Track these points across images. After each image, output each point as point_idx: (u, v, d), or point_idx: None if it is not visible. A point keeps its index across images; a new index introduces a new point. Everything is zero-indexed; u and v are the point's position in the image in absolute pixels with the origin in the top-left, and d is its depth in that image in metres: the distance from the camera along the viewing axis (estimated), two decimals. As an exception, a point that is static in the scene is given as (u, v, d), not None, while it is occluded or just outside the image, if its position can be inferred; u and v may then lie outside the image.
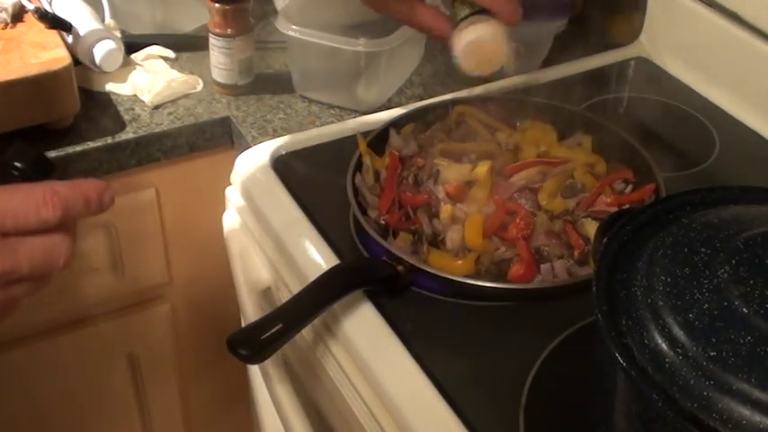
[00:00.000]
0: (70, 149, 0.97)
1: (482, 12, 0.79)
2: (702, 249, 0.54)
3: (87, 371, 1.15)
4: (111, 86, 1.08)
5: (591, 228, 0.79)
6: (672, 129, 1.00)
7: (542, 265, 0.76)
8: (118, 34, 1.09)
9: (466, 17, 0.79)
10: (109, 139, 0.99)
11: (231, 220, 0.93)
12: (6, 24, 1.01)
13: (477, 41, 0.78)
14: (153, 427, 1.26)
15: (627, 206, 0.80)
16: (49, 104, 0.96)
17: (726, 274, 0.52)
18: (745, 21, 0.99)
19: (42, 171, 0.57)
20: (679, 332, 0.50)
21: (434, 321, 0.74)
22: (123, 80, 1.08)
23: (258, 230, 0.86)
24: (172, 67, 1.11)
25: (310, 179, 0.89)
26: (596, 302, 0.53)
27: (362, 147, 0.87)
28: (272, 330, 0.67)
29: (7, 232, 0.50)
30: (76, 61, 1.05)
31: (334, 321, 0.73)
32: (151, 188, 1.06)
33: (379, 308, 0.73)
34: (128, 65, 1.09)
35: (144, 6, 1.18)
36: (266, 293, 0.86)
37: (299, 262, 0.79)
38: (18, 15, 1.03)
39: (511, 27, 0.79)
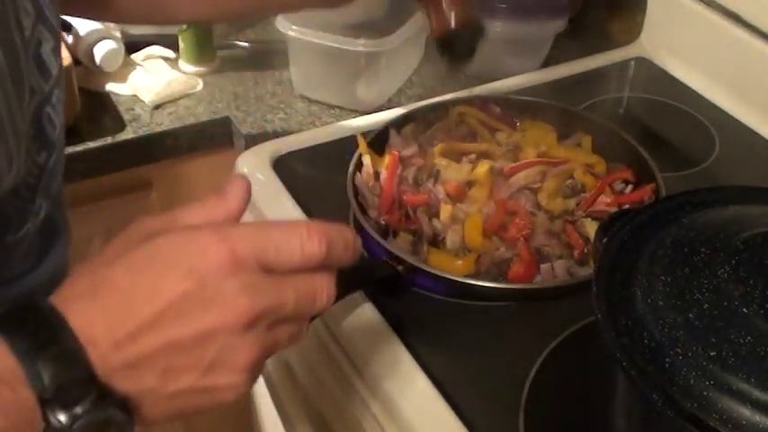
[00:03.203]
0: (70, 149, 0.97)
1: None
2: (702, 249, 0.54)
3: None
4: (111, 86, 1.08)
5: (591, 228, 0.79)
6: (672, 129, 1.00)
7: (542, 265, 0.76)
8: (118, 34, 1.09)
9: None
10: (109, 139, 0.99)
11: (231, 220, 0.93)
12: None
13: None
14: (153, 426, 1.26)
15: (627, 206, 0.80)
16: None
17: (726, 274, 0.52)
18: (745, 21, 0.99)
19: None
20: (679, 332, 0.50)
21: (434, 321, 0.74)
22: (123, 80, 1.08)
23: (258, 230, 0.86)
24: (172, 67, 1.11)
25: (310, 179, 0.89)
26: (596, 302, 0.53)
27: (362, 147, 0.87)
28: (272, 330, 0.67)
29: (270, 266, 0.45)
30: (76, 61, 1.05)
31: (334, 321, 0.73)
32: (151, 188, 1.06)
33: (379, 308, 0.73)
34: (128, 65, 1.09)
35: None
36: (266, 293, 0.85)
37: (299, 262, 0.79)
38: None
39: None
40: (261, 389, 0.92)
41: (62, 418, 0.40)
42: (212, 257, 0.43)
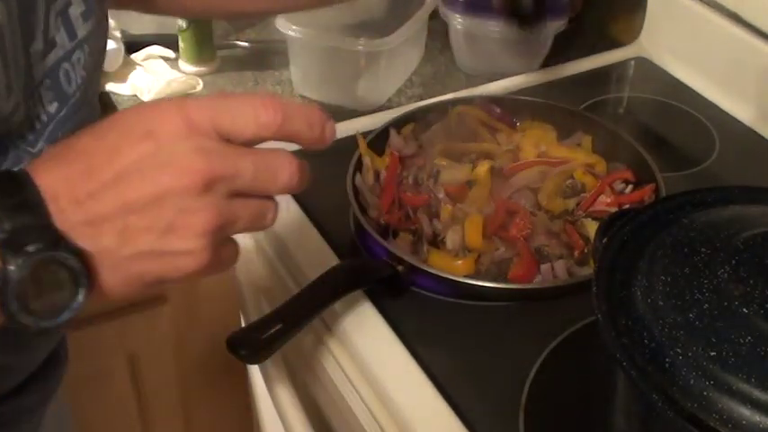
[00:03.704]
0: (70, 149, 0.97)
1: None
2: (702, 249, 0.54)
3: (87, 371, 1.15)
4: (111, 86, 1.08)
5: (591, 228, 0.79)
6: (672, 129, 1.00)
7: (542, 265, 0.76)
8: (118, 34, 1.09)
9: None
10: (109, 139, 0.99)
11: (231, 220, 0.93)
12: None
13: None
14: (153, 427, 1.26)
15: (627, 206, 0.80)
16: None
17: (726, 274, 0.52)
18: (744, 21, 0.99)
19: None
20: (679, 332, 0.50)
21: (434, 321, 0.74)
22: (123, 80, 1.08)
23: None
24: (172, 67, 1.11)
25: (310, 179, 0.89)
26: (596, 302, 0.53)
27: (362, 147, 0.87)
28: (272, 330, 0.67)
29: (227, 134, 0.46)
30: (76, 61, 1.05)
31: (334, 321, 0.73)
32: (151, 188, 1.05)
33: (379, 308, 0.73)
34: (128, 65, 1.09)
35: (144, 6, 1.18)
36: (266, 293, 0.86)
37: (299, 262, 0.79)
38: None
39: None
40: (261, 389, 0.92)
41: (15, 257, 0.42)
42: (169, 122, 0.45)
